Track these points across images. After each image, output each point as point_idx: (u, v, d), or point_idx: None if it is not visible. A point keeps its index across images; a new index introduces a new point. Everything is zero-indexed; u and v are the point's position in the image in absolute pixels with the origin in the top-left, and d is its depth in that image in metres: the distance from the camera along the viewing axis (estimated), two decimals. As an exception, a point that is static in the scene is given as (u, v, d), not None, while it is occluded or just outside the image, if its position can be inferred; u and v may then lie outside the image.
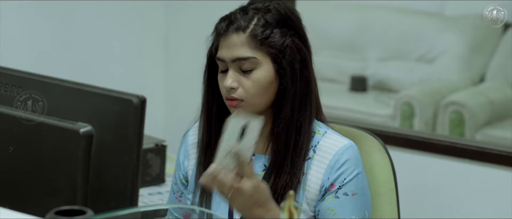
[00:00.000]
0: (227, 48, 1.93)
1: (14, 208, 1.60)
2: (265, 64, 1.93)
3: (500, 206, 3.10)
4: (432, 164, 3.25)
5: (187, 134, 2.13)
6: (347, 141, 1.97)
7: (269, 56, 1.93)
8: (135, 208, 1.53)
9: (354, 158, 1.95)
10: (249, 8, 1.96)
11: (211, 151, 2.01)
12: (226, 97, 1.94)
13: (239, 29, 1.92)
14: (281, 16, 1.95)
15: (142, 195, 2.94)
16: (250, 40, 1.92)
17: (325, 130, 1.99)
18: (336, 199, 1.93)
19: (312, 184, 1.95)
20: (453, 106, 3.31)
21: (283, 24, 1.94)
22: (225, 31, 1.93)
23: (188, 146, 2.11)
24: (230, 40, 1.93)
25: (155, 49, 3.85)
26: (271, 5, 1.95)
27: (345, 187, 1.93)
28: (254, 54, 1.92)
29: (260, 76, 1.93)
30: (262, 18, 1.93)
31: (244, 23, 1.93)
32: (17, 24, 3.33)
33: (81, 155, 1.55)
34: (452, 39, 3.40)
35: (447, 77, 3.42)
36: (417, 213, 3.23)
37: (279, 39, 1.93)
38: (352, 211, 1.93)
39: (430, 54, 3.43)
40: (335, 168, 1.94)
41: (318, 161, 1.95)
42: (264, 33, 1.92)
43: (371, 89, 3.56)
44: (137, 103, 1.53)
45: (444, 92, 3.36)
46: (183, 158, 2.11)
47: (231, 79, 1.92)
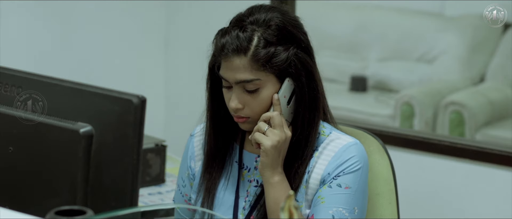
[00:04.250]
0: (230, 70, 1.90)
1: (14, 208, 1.60)
2: (270, 83, 1.91)
3: (500, 206, 3.10)
4: (432, 164, 3.25)
5: (193, 137, 2.11)
6: (351, 139, 1.97)
7: (274, 75, 1.91)
8: (135, 208, 1.53)
9: (359, 155, 1.95)
10: (247, 22, 1.91)
11: (217, 156, 2.01)
12: (233, 115, 1.94)
13: (240, 51, 1.88)
14: (281, 31, 1.91)
15: (142, 195, 2.94)
16: (252, 63, 1.89)
17: (330, 131, 1.99)
18: (329, 188, 1.92)
19: (313, 180, 1.95)
20: (453, 106, 3.31)
21: (285, 40, 1.91)
22: (226, 53, 1.89)
23: (194, 147, 2.10)
24: (231, 63, 1.89)
25: (155, 49, 3.85)
26: (271, 19, 1.91)
27: (341, 178, 1.92)
28: (257, 76, 1.90)
29: (265, 96, 1.92)
30: (262, 38, 1.89)
31: (244, 44, 1.88)
32: (17, 24, 3.33)
33: (81, 155, 1.55)
34: (452, 39, 3.40)
35: (447, 77, 3.42)
36: (417, 213, 3.23)
37: (282, 57, 1.90)
38: (341, 203, 1.91)
39: (430, 54, 3.43)
40: (337, 164, 1.93)
41: (322, 159, 1.95)
42: (266, 54, 1.88)
43: (371, 89, 3.56)
44: (137, 103, 1.53)
45: (444, 92, 3.36)
46: (190, 160, 2.10)
47: (237, 100, 1.91)
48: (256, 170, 2.00)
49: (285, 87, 1.92)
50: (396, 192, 2.14)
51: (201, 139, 2.07)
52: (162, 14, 3.81)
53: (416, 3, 3.44)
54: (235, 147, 2.03)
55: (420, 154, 3.27)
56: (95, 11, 3.56)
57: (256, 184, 1.99)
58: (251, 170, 2.01)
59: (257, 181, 1.99)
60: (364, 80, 3.58)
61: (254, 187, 1.99)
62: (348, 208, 1.91)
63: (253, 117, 1.93)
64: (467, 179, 3.18)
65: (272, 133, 1.90)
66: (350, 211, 1.92)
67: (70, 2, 3.46)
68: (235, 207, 1.99)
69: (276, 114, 1.90)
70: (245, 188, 2.01)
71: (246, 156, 2.02)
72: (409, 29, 3.51)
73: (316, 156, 1.96)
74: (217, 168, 2.02)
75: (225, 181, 2.02)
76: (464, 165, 3.17)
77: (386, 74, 3.53)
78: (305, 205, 1.95)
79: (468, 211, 3.17)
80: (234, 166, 2.02)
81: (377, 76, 3.54)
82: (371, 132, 2.19)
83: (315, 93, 1.95)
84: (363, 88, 3.59)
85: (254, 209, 1.98)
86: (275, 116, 1.90)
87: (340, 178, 1.92)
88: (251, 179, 2.00)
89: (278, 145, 1.90)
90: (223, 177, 2.02)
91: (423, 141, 3.26)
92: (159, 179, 3.08)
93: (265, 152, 1.90)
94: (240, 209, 1.99)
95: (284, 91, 1.92)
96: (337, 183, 1.92)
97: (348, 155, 1.94)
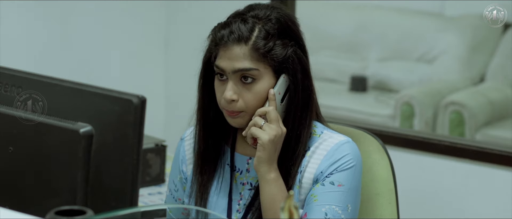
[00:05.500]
0: (228, 59, 1.90)
1: (14, 208, 1.60)
2: (267, 76, 1.92)
3: (500, 206, 3.10)
4: (432, 164, 3.25)
5: (183, 140, 2.11)
6: (343, 137, 1.97)
7: (271, 68, 1.91)
8: (135, 208, 1.53)
9: (353, 153, 1.94)
10: (248, 16, 1.92)
11: (208, 158, 2.01)
12: (225, 108, 1.93)
13: (241, 40, 1.89)
14: (282, 25, 1.92)
15: (142, 195, 2.94)
16: (252, 52, 1.89)
17: (322, 130, 1.99)
18: (322, 186, 1.92)
19: (306, 180, 1.95)
20: (453, 106, 3.31)
21: (284, 35, 1.92)
22: (226, 42, 1.90)
23: (185, 151, 2.09)
24: (231, 51, 1.90)
25: (155, 49, 3.85)
26: (272, 14, 1.92)
27: (334, 176, 1.92)
28: (256, 66, 1.90)
29: (261, 89, 1.91)
30: (263, 29, 1.90)
31: (246, 34, 1.89)
32: (17, 24, 3.33)
33: (81, 155, 1.55)
34: (452, 39, 3.41)
35: (447, 77, 3.42)
36: (416, 213, 3.23)
37: (281, 51, 1.91)
38: (334, 201, 1.91)
39: (430, 54, 3.43)
40: (330, 162, 1.93)
41: (314, 158, 1.95)
42: (266, 45, 1.89)
43: (371, 89, 3.57)
44: (137, 103, 1.53)
45: (444, 92, 3.36)
46: (181, 164, 2.09)
47: (232, 91, 1.90)
48: (248, 173, 1.99)
49: (280, 83, 1.92)
50: (396, 192, 2.14)
51: (191, 143, 2.06)
52: (162, 14, 3.81)
53: (416, 3, 3.44)
54: (226, 150, 2.03)
55: (420, 154, 3.27)
56: (95, 11, 3.56)
57: (250, 187, 1.98)
58: (243, 172, 2.00)
59: (251, 184, 1.99)
60: (364, 80, 3.58)
61: (248, 190, 1.99)
62: (341, 205, 1.91)
63: (246, 111, 1.92)
64: (467, 179, 3.18)
65: (269, 127, 1.89)
66: (343, 208, 1.91)
67: (70, 2, 3.46)
68: (229, 210, 1.99)
69: (272, 109, 1.90)
70: (238, 191, 2.00)
71: (237, 158, 2.01)
72: (409, 29, 3.51)
73: (308, 155, 1.95)
74: (209, 171, 2.02)
75: (218, 185, 2.01)
76: (464, 165, 3.17)
77: (386, 74, 3.53)
78: (300, 206, 1.94)
79: (468, 211, 3.17)
80: (226, 169, 2.02)
81: (377, 76, 3.54)
82: (371, 132, 2.19)
83: (309, 92, 1.95)
84: (363, 88, 3.59)
85: (249, 211, 1.97)
86: (271, 111, 1.90)
87: (333, 176, 1.92)
88: (244, 182, 2.00)
89: (275, 139, 1.89)
90: (215, 180, 2.02)
91: (423, 141, 3.27)
92: (159, 179, 3.08)
93: (262, 146, 1.89)
94: (234, 212, 1.99)
95: (279, 88, 1.92)
96: (330, 181, 1.92)
97: (341, 153, 1.94)
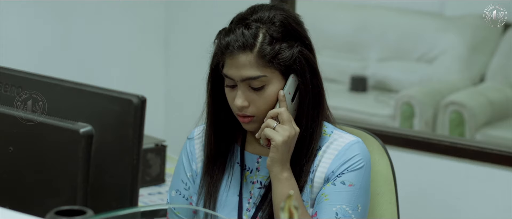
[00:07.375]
0: (235, 68, 1.90)
1: (14, 208, 1.60)
2: (275, 80, 1.92)
3: (500, 206, 3.10)
4: (432, 164, 3.25)
5: (192, 139, 2.10)
6: (353, 137, 1.98)
7: (279, 71, 1.92)
8: (135, 208, 1.53)
9: (362, 153, 1.96)
10: (251, 20, 1.91)
11: (219, 160, 2.01)
12: (237, 114, 1.94)
13: (246, 48, 1.89)
14: (286, 27, 1.92)
15: (142, 195, 2.94)
16: (258, 59, 1.89)
17: (332, 130, 2.00)
18: (332, 186, 1.93)
19: (318, 179, 1.95)
20: (453, 106, 3.31)
21: (289, 37, 1.92)
22: (231, 50, 1.89)
23: (195, 150, 2.09)
24: (237, 60, 1.89)
25: (155, 49, 3.85)
26: (275, 16, 1.92)
27: (344, 176, 1.93)
28: (263, 73, 1.90)
29: (270, 93, 1.92)
30: (267, 34, 1.90)
31: (250, 40, 1.88)
32: (17, 24, 3.33)
33: (81, 155, 1.55)
34: (452, 39, 3.40)
35: (447, 77, 3.42)
36: (417, 213, 3.23)
37: (288, 54, 1.90)
38: (344, 201, 1.92)
39: (430, 54, 3.43)
40: (341, 162, 1.94)
41: (325, 158, 1.96)
42: (272, 51, 1.89)
43: (371, 89, 3.56)
44: (137, 103, 1.53)
45: (444, 92, 3.36)
46: (191, 163, 2.09)
47: (242, 98, 1.91)
48: (258, 171, 2.00)
49: (290, 83, 1.93)
50: (396, 192, 2.14)
51: (201, 141, 2.07)
52: (162, 13, 3.81)
53: (416, 3, 3.43)
54: (236, 148, 2.03)
55: (420, 154, 3.27)
56: (95, 11, 3.56)
57: (260, 186, 1.99)
58: (253, 171, 2.01)
59: (261, 182, 1.99)
60: (364, 80, 3.58)
61: (258, 189, 1.99)
62: (352, 205, 1.92)
63: (258, 116, 1.93)
64: (467, 179, 3.18)
65: (282, 129, 1.90)
66: (354, 208, 1.92)
67: (70, 2, 3.46)
68: (239, 208, 1.99)
69: (283, 110, 1.91)
70: (248, 189, 2.01)
71: (248, 157, 2.02)
72: (409, 29, 3.51)
73: (319, 154, 1.96)
74: (218, 170, 2.02)
75: (227, 183, 2.02)
76: (464, 165, 3.17)
77: (386, 74, 3.52)
78: (311, 204, 1.95)
79: (468, 211, 3.17)
80: (236, 168, 2.02)
81: (377, 76, 3.54)
82: (371, 132, 2.20)
83: (318, 90, 1.96)
84: (363, 88, 3.59)
85: (259, 210, 1.98)
86: (283, 112, 1.90)
87: (344, 175, 1.93)
88: (254, 181, 2.00)
89: (289, 140, 1.90)
90: (225, 179, 2.02)
91: (423, 141, 3.27)
92: (159, 179, 3.08)
93: (276, 147, 1.90)
94: (244, 210, 1.99)
95: (289, 88, 1.93)
96: (341, 180, 1.93)
97: (351, 153, 1.95)
